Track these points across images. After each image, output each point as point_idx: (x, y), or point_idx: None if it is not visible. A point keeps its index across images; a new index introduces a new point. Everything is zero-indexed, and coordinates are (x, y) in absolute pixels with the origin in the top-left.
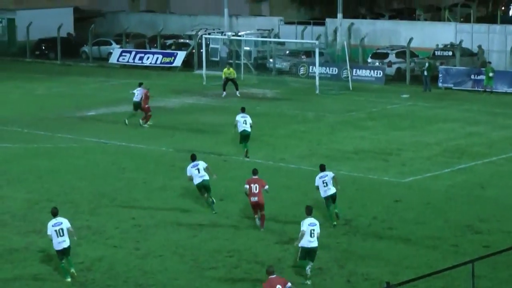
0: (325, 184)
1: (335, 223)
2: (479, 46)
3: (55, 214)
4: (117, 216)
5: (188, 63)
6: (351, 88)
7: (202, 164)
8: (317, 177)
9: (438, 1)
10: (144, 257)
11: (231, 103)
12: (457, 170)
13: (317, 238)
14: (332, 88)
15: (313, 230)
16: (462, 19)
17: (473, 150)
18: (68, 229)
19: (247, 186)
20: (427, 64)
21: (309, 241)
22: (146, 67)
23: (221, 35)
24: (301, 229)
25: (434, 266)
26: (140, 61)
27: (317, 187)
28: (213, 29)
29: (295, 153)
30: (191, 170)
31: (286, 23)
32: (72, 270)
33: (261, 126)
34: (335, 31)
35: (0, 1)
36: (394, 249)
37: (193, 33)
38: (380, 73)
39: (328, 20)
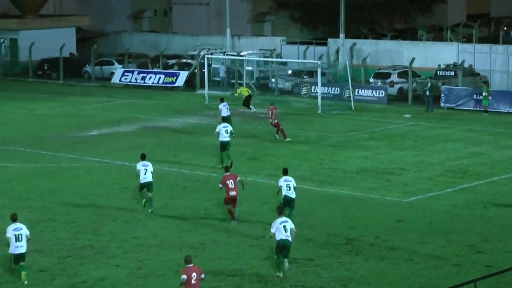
0: (288, 188)
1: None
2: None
3: (14, 219)
4: (119, 236)
5: (190, 83)
6: (353, 108)
7: (150, 167)
8: (281, 179)
9: (440, 21)
10: (146, 276)
11: (234, 123)
12: (460, 190)
13: (290, 233)
14: (334, 108)
15: (285, 226)
16: (464, 40)
17: (475, 170)
18: (26, 236)
19: (221, 185)
20: (429, 84)
21: (283, 236)
22: (149, 87)
23: (224, 55)
24: (272, 230)
25: (437, 286)
26: (143, 81)
27: (280, 188)
28: (215, 49)
29: (297, 173)
30: (140, 167)
31: (288, 43)
32: (24, 273)
33: (263, 146)
34: (337, 51)
35: (2, 21)
36: (396, 269)
37: (195, 53)
38: (382, 93)
39: (330, 40)
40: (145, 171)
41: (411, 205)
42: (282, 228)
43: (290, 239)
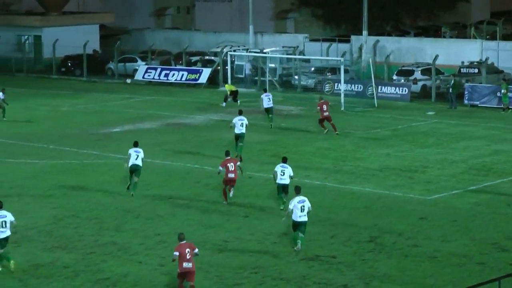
0: (282, 173)
1: (282, 207)
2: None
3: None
4: (142, 233)
5: (213, 80)
6: (376, 105)
7: (141, 154)
8: (278, 166)
9: (464, 18)
10: (169, 273)
11: (256, 120)
12: (483, 188)
13: (307, 213)
14: (357, 105)
15: (303, 206)
16: (488, 37)
17: (498, 168)
18: (11, 222)
19: (221, 168)
20: (452, 81)
21: (299, 216)
22: (171, 84)
23: (246, 52)
24: (289, 207)
25: (460, 284)
26: (166, 78)
27: (275, 173)
28: (238, 46)
29: (320, 170)
30: (131, 153)
31: (311, 40)
32: (12, 262)
33: (286, 143)
34: (360, 48)
35: (26, 18)
36: (419, 267)
37: (218, 50)
38: (405, 90)
39: (353, 37)
40: (136, 157)
41: (434, 203)
42: (300, 208)
43: (306, 218)
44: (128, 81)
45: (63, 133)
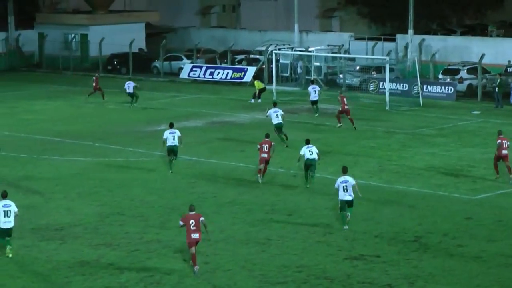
0: (345, 189)
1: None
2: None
3: (4, 196)
4: None
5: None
6: (421, 104)
7: (177, 133)
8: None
9: (511, 17)
10: (213, 271)
11: (301, 119)
12: None
13: (351, 192)
14: (403, 104)
15: (345, 186)
16: None
17: None
18: (15, 213)
19: (259, 146)
20: (498, 81)
21: (344, 195)
22: (216, 82)
23: (291, 50)
24: (335, 186)
25: (506, 285)
26: (211, 76)
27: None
28: (283, 45)
29: (364, 169)
30: (167, 135)
31: (357, 39)
32: (9, 247)
33: (330, 142)
34: (406, 47)
35: (73, 17)
36: (464, 267)
37: (263, 48)
38: (451, 90)
39: (398, 36)
40: (173, 137)
41: (480, 203)
42: (342, 189)
43: (350, 198)
44: None
45: (109, 130)
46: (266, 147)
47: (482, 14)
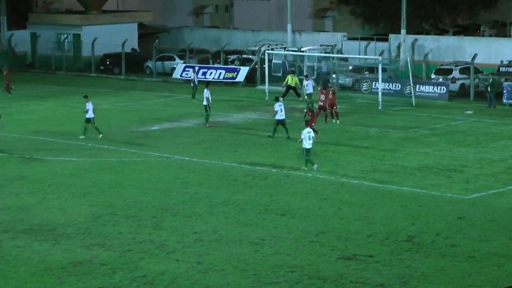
0: (281, 110)
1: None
2: None
3: None
4: (179, 230)
5: (251, 79)
6: (414, 104)
7: (283, 106)
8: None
9: (504, 17)
10: (206, 271)
11: (293, 119)
12: None
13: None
14: (395, 104)
15: (310, 135)
16: None
17: None
18: None
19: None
20: (491, 80)
21: (309, 144)
22: (209, 82)
23: (284, 50)
24: (301, 137)
25: (499, 285)
26: (203, 76)
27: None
28: (276, 45)
29: (357, 169)
30: (277, 107)
31: (349, 39)
32: None
33: (324, 141)
34: (399, 47)
35: (66, 17)
36: (457, 267)
37: (256, 48)
38: (443, 89)
39: (391, 36)
40: (281, 110)
41: (473, 202)
42: (307, 137)
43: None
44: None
45: (102, 131)
46: (323, 96)
47: (474, 14)
